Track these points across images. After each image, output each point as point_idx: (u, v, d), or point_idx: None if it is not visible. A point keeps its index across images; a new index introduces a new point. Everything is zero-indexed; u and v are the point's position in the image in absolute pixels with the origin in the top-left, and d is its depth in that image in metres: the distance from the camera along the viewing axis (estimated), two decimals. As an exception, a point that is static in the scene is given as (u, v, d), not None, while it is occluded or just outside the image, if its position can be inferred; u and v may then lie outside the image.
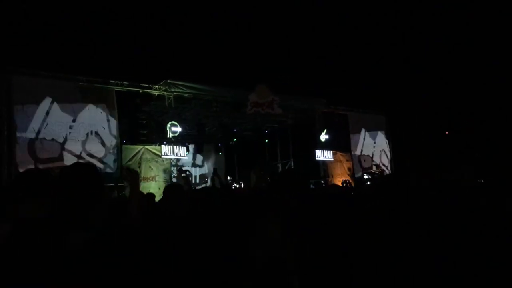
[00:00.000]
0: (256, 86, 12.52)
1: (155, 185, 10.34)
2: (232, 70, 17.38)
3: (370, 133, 15.68)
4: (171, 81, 11.25)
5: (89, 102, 9.89)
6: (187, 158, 13.58)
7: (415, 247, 1.76)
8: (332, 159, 14.34)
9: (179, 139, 12.42)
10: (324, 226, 1.97)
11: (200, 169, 17.08)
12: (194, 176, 16.67)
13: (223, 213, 2.64)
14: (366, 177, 13.84)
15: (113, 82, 10.51)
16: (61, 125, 9.35)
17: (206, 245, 2.03)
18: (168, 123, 11.63)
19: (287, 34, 21.43)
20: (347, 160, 14.71)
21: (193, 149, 15.96)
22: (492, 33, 17.86)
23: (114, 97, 10.39)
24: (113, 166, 10.03)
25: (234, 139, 16.94)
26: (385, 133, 16.12)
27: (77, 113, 9.65)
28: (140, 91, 11.07)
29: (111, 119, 10.22)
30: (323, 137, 14.36)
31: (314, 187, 11.53)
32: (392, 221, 1.94)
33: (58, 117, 9.31)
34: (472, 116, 17.70)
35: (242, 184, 13.17)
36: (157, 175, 10.81)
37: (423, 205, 1.92)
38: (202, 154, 16.82)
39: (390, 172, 14.94)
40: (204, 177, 16.85)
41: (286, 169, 8.18)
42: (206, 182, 16.20)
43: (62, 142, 9.29)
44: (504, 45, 17.15)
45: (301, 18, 23.09)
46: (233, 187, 12.24)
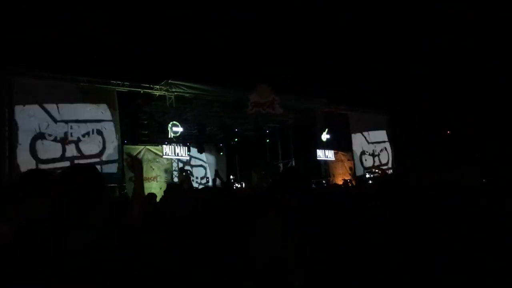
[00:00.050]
0: (257, 86, 12.52)
1: (157, 185, 10.36)
2: (233, 70, 17.40)
3: (371, 133, 15.67)
4: (172, 81, 11.26)
5: (90, 103, 9.89)
6: (188, 158, 13.58)
7: (415, 247, 1.77)
8: (334, 159, 14.34)
9: (180, 139, 12.44)
10: (325, 226, 1.98)
11: (201, 169, 17.10)
12: (196, 177, 16.69)
13: (224, 213, 2.64)
14: (368, 176, 13.83)
15: (114, 83, 10.51)
16: (62, 126, 9.35)
17: (207, 245, 2.03)
18: (169, 123, 11.64)
19: (288, 34, 21.43)
20: (349, 160, 14.72)
21: (195, 149, 15.97)
22: (492, 33, 17.82)
23: (115, 98, 10.39)
24: (115, 167, 10.04)
25: (235, 139, 16.95)
26: (386, 133, 16.11)
27: (79, 114, 9.65)
28: (141, 91, 11.08)
29: (113, 120, 10.23)
30: (324, 137, 14.37)
31: (316, 187, 11.52)
32: (393, 221, 1.94)
33: (59, 118, 9.32)
34: (472, 116, 17.68)
35: (244, 184, 13.17)
36: (159, 175, 10.82)
37: (423, 205, 1.92)
38: (204, 154, 16.83)
39: (392, 172, 14.93)
40: (205, 177, 16.86)
41: (287, 169, 8.15)
42: (208, 182, 16.21)
43: (64, 143, 9.30)
44: (504, 45, 17.11)
45: (302, 18, 23.09)
46: (235, 187, 12.23)
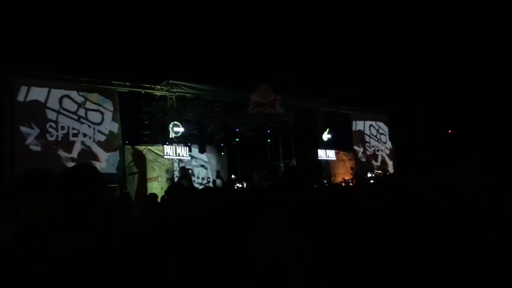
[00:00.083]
0: (258, 86, 12.52)
1: (158, 185, 10.37)
2: (234, 70, 17.40)
3: (374, 132, 15.66)
4: (173, 82, 11.26)
5: (91, 103, 9.91)
6: (189, 158, 13.60)
7: (415, 247, 1.76)
8: (335, 159, 14.33)
9: (182, 139, 12.45)
10: (325, 226, 1.98)
11: (203, 169, 17.12)
12: (197, 177, 16.71)
13: (223, 213, 2.64)
14: (370, 176, 13.82)
15: (115, 83, 10.52)
16: (64, 126, 9.37)
17: (206, 245, 2.03)
18: (170, 124, 11.64)
19: (289, 34, 21.43)
20: (350, 160, 14.70)
21: (196, 149, 15.99)
22: (492, 33, 17.78)
23: (117, 98, 10.40)
24: (116, 167, 10.05)
25: (237, 139, 16.97)
26: (389, 132, 16.10)
27: (79, 114, 9.67)
28: (142, 92, 11.08)
29: (114, 120, 10.24)
30: (326, 137, 14.36)
31: (317, 187, 11.52)
32: (392, 221, 1.94)
33: (61, 118, 9.34)
34: (472, 116, 17.65)
35: (245, 184, 13.16)
36: (160, 176, 10.83)
37: (423, 205, 1.92)
38: (205, 154, 16.85)
39: (393, 171, 14.91)
40: (207, 177, 16.88)
41: (288, 168, 8.15)
42: (209, 182, 16.23)
43: (65, 143, 9.31)
44: (504, 45, 17.07)
45: (303, 18, 23.07)
46: (236, 187, 12.22)
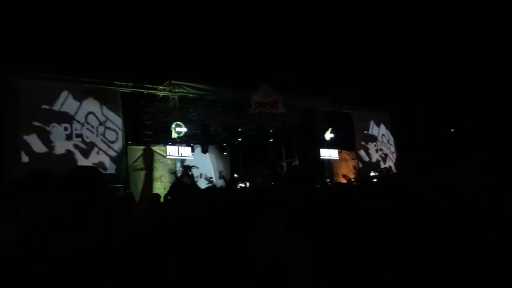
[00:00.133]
0: (260, 86, 12.52)
1: (161, 186, 10.38)
2: (236, 70, 17.39)
3: (376, 132, 15.64)
4: (175, 82, 11.27)
5: (94, 104, 9.94)
6: (192, 158, 13.62)
7: (415, 247, 1.77)
8: (337, 158, 14.33)
9: (184, 140, 12.47)
10: (326, 226, 1.98)
11: (205, 169, 17.13)
12: (200, 174, 16.72)
13: (225, 213, 2.65)
14: (373, 175, 13.77)
15: (118, 83, 10.54)
16: (66, 127, 9.40)
17: (207, 245, 2.04)
18: (173, 124, 11.66)
19: (290, 34, 21.40)
20: (352, 159, 14.70)
21: (198, 149, 16.02)
22: (493, 33, 17.69)
23: (119, 98, 10.43)
24: (119, 167, 10.07)
25: (239, 139, 16.97)
26: (390, 131, 16.07)
27: (82, 115, 9.70)
28: (145, 92, 11.10)
29: (117, 120, 10.27)
30: (328, 136, 14.35)
31: (320, 186, 11.50)
32: (393, 221, 1.94)
33: (63, 119, 9.37)
34: (472, 116, 17.59)
35: (248, 184, 13.16)
36: (163, 176, 10.84)
37: (423, 205, 1.92)
38: (207, 154, 16.87)
39: (396, 171, 14.87)
40: (209, 177, 16.89)
41: (291, 168, 8.15)
42: (211, 182, 16.24)
43: (67, 144, 9.34)
44: (504, 45, 16.98)
45: (304, 18, 23.04)
46: (239, 186, 12.22)
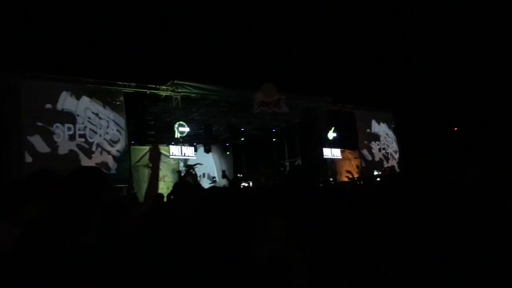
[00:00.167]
0: (263, 85, 12.52)
1: (164, 185, 10.38)
2: (239, 70, 17.40)
3: (378, 131, 15.60)
4: (178, 82, 11.28)
5: (97, 104, 9.98)
6: (195, 158, 13.65)
7: (415, 247, 1.77)
8: (340, 157, 14.31)
9: (187, 139, 12.50)
10: (327, 226, 1.98)
11: (208, 169, 17.15)
12: (203, 173, 16.75)
13: (227, 212, 2.65)
14: (376, 174, 13.73)
15: (121, 84, 10.57)
16: (69, 127, 9.44)
17: (208, 245, 2.04)
18: (176, 124, 11.69)
19: (293, 33, 21.38)
20: (355, 158, 14.67)
21: (201, 149, 16.03)
22: (493, 33, 17.59)
23: (122, 99, 10.46)
24: (122, 167, 10.11)
25: (242, 139, 16.97)
26: (393, 130, 16.03)
27: (85, 115, 9.74)
28: (148, 92, 11.12)
29: (120, 121, 10.30)
30: (331, 135, 14.34)
31: (323, 185, 11.48)
32: (393, 221, 1.94)
33: (66, 119, 9.41)
34: (472, 116, 17.52)
35: (251, 183, 13.16)
36: (166, 176, 10.86)
37: (423, 205, 1.92)
38: (210, 154, 16.87)
39: (399, 170, 14.83)
40: (212, 177, 16.91)
41: (294, 168, 8.12)
42: (214, 182, 16.26)
43: (71, 144, 9.38)
44: (504, 45, 16.87)
45: (306, 17, 23.01)
46: (242, 186, 12.24)
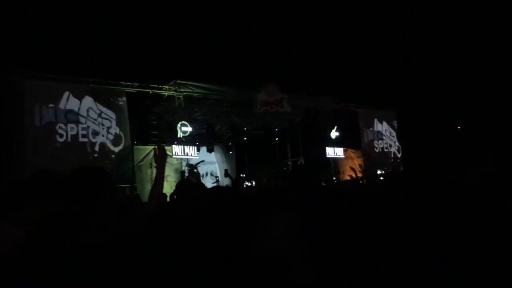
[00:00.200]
0: (265, 85, 12.50)
1: (167, 185, 10.32)
2: (241, 69, 17.40)
3: (381, 130, 15.56)
4: (181, 81, 11.28)
5: (100, 104, 10.01)
6: (198, 157, 13.67)
7: (415, 247, 1.76)
8: (343, 156, 14.29)
9: (190, 139, 12.53)
10: (327, 225, 1.98)
11: (211, 168, 17.17)
12: (206, 172, 16.77)
13: (228, 212, 2.66)
14: (379, 173, 13.69)
15: (123, 84, 10.60)
16: (72, 127, 9.48)
17: (209, 244, 2.04)
18: (178, 123, 11.72)
19: (295, 33, 21.35)
20: (358, 157, 14.63)
21: (204, 149, 16.04)
22: (494, 33, 17.47)
23: (125, 99, 10.48)
24: (125, 167, 10.13)
25: (244, 138, 16.97)
26: (396, 129, 15.98)
27: (88, 115, 9.77)
28: (150, 92, 11.14)
29: (122, 120, 10.33)
30: (334, 134, 14.33)
31: (325, 184, 11.46)
32: (393, 221, 1.94)
33: (69, 119, 9.44)
34: (472, 116, 17.44)
35: (254, 183, 13.15)
36: (169, 175, 10.88)
37: (423, 205, 1.92)
38: (213, 154, 16.89)
39: (402, 169, 14.78)
40: (215, 176, 16.93)
41: (295, 167, 8.10)
42: (217, 181, 16.27)
43: (73, 144, 9.41)
44: (505, 45, 16.76)
45: (309, 17, 22.97)
46: (245, 185, 12.23)
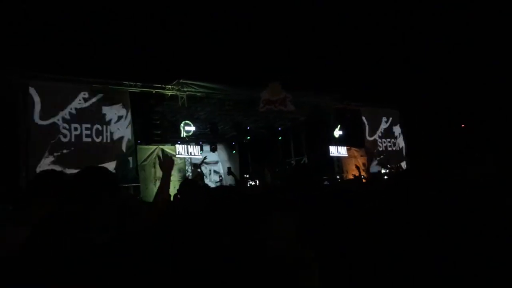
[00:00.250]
0: (268, 84, 12.50)
1: (171, 185, 10.42)
2: (244, 68, 17.40)
3: (385, 128, 15.51)
4: (184, 81, 11.30)
5: (103, 104, 10.05)
6: (201, 157, 13.71)
7: (415, 247, 1.76)
8: (347, 155, 14.25)
9: (193, 138, 12.55)
10: (324, 227, 1.98)
11: (214, 167, 17.21)
12: (209, 170, 16.82)
13: (230, 211, 2.66)
14: (384, 172, 13.65)
15: (127, 83, 10.63)
16: (76, 127, 9.52)
17: (213, 244, 2.05)
18: (182, 123, 11.74)
19: (298, 31, 21.31)
20: (362, 156, 14.59)
21: (207, 148, 16.09)
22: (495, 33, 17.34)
23: (128, 98, 10.52)
24: (129, 167, 10.17)
25: (248, 137, 16.98)
26: (400, 128, 15.92)
27: (92, 115, 9.82)
28: (153, 92, 11.16)
29: (126, 120, 10.36)
30: (337, 133, 14.30)
31: (328, 184, 11.44)
32: (393, 221, 1.93)
33: (73, 120, 9.49)
34: (473, 116, 17.34)
35: (258, 182, 13.17)
36: (172, 175, 10.86)
37: (423, 205, 1.91)
38: (216, 153, 16.92)
39: (406, 168, 14.73)
40: (219, 176, 16.97)
41: (296, 167, 8.04)
42: (221, 181, 16.31)
43: (78, 144, 9.46)
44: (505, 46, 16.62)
45: (312, 15, 22.92)
46: (249, 185, 12.25)
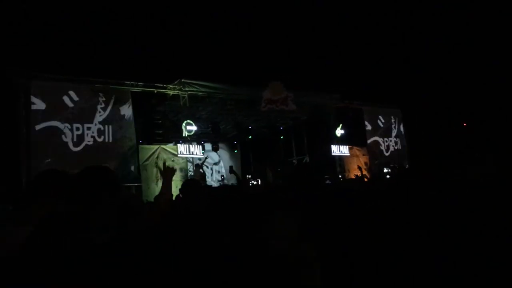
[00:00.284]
0: (270, 83, 12.49)
1: (172, 184, 10.44)
2: (245, 68, 17.39)
3: (387, 127, 15.49)
4: (185, 81, 11.30)
5: (105, 104, 10.06)
6: (202, 156, 13.72)
7: (415, 247, 1.76)
8: (348, 154, 14.24)
9: (195, 138, 12.57)
10: (325, 226, 1.98)
11: (216, 167, 17.23)
12: (211, 168, 16.84)
13: (232, 211, 2.66)
14: (386, 171, 13.63)
15: (128, 83, 10.64)
16: (78, 127, 9.53)
17: (214, 243, 2.05)
18: (183, 122, 11.76)
19: (299, 31, 21.27)
20: (363, 155, 14.58)
21: (209, 147, 16.11)
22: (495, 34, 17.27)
23: (130, 98, 10.53)
24: (131, 166, 10.18)
25: (249, 137, 16.99)
26: (402, 127, 15.89)
27: (94, 115, 9.83)
28: (155, 91, 11.17)
29: (127, 120, 10.37)
30: (339, 132, 14.29)
31: (330, 183, 11.44)
32: (393, 221, 1.93)
33: (74, 119, 9.50)
34: (473, 116, 17.28)
35: (260, 181, 13.18)
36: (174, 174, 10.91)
37: (423, 205, 1.91)
38: (218, 152, 16.95)
39: (407, 167, 14.70)
40: (220, 175, 16.98)
41: (296, 167, 8.02)
42: (223, 180, 16.33)
43: (80, 144, 9.48)
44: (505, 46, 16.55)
45: (313, 15, 22.86)
46: (251, 184, 12.26)
